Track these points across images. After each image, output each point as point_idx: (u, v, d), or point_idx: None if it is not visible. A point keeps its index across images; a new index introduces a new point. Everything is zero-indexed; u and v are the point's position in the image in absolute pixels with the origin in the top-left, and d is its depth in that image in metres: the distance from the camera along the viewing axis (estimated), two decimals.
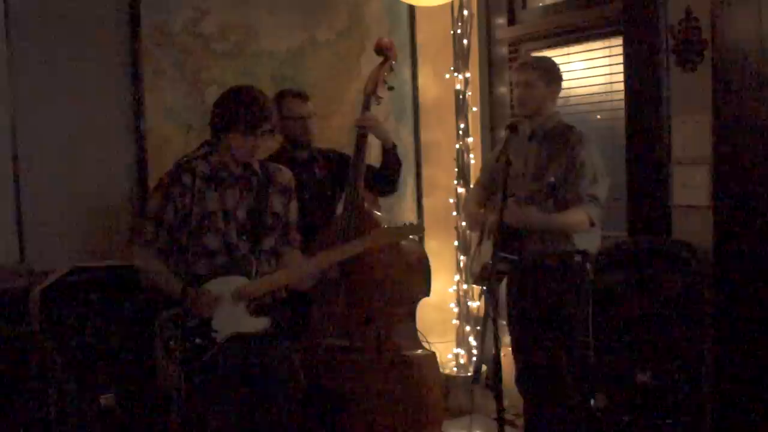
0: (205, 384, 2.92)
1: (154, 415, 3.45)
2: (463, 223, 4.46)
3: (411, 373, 3.48)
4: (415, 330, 3.60)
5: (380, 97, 3.65)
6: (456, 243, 4.57)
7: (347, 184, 3.55)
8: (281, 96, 3.73)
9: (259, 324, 2.97)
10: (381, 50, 3.66)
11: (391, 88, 3.68)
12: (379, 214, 3.62)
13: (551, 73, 3.41)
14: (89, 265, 3.55)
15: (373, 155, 3.87)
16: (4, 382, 3.07)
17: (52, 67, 3.78)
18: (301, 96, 3.74)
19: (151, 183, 3.90)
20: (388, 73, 3.65)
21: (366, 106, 3.63)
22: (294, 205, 3.16)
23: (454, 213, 4.57)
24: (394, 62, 3.68)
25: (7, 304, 3.27)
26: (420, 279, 3.58)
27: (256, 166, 3.08)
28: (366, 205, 3.54)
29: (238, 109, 2.90)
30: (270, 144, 3.26)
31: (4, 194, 3.66)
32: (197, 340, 2.92)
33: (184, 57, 4.08)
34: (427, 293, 3.62)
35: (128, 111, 3.96)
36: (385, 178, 3.72)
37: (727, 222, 3.27)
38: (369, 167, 3.67)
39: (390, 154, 3.70)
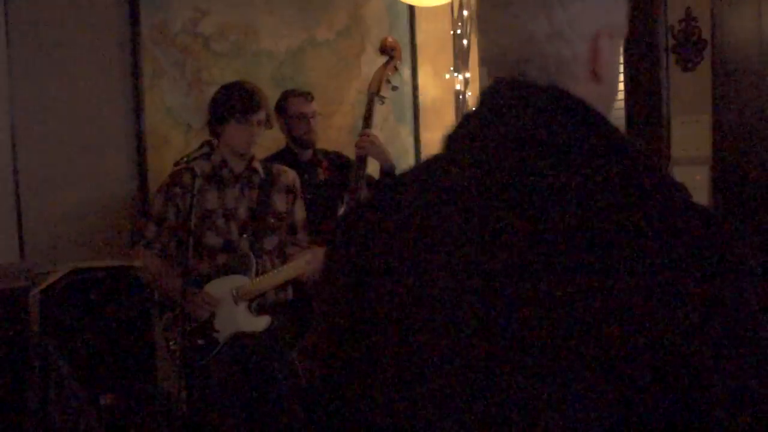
0: (206, 384, 2.92)
1: (154, 415, 3.45)
2: None
3: None
4: None
5: (384, 97, 3.67)
6: None
7: (347, 192, 3.55)
8: (286, 96, 3.76)
9: (261, 323, 2.98)
10: (385, 50, 3.69)
11: (395, 88, 3.71)
12: None
13: None
14: (89, 265, 3.55)
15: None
16: (4, 382, 3.07)
17: (51, 67, 3.78)
18: (305, 95, 3.76)
19: (151, 183, 3.91)
20: (392, 73, 3.67)
21: (369, 107, 3.64)
22: (300, 205, 3.16)
23: None
24: (398, 62, 3.70)
25: (7, 304, 3.27)
26: None
27: (258, 165, 3.09)
28: None
29: (230, 99, 2.97)
30: (261, 136, 3.26)
31: (4, 194, 3.66)
32: (200, 341, 2.92)
33: (184, 57, 4.08)
34: None
35: (128, 111, 3.97)
36: None
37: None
38: (368, 177, 3.68)
39: (387, 174, 3.69)
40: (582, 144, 0.92)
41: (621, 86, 3.76)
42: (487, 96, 1.01)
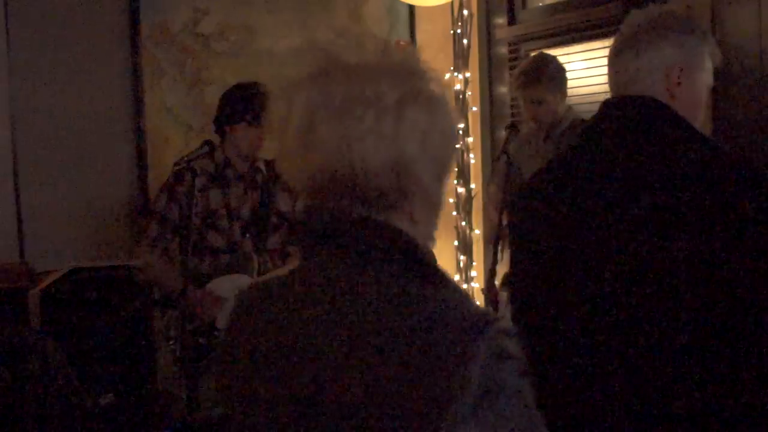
0: (207, 384, 2.92)
1: (154, 415, 3.45)
2: (463, 223, 4.46)
3: None
4: None
5: None
6: (456, 243, 4.57)
7: None
8: None
9: None
10: None
11: None
12: None
13: (558, 80, 3.36)
14: (89, 265, 3.55)
15: None
16: (4, 382, 3.07)
17: (51, 67, 3.78)
18: None
19: (151, 183, 3.91)
20: None
21: None
22: (301, 204, 3.16)
23: (454, 213, 4.57)
24: None
25: (7, 304, 3.27)
26: None
27: (262, 165, 3.09)
28: None
29: (245, 100, 2.95)
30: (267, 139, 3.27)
31: (4, 194, 3.66)
32: (201, 341, 2.92)
33: (184, 57, 4.08)
34: None
35: (128, 111, 3.97)
36: None
37: None
38: None
39: None
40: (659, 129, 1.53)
41: None
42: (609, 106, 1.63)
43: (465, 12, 4.50)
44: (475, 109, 4.60)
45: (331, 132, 0.99)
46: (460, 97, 4.53)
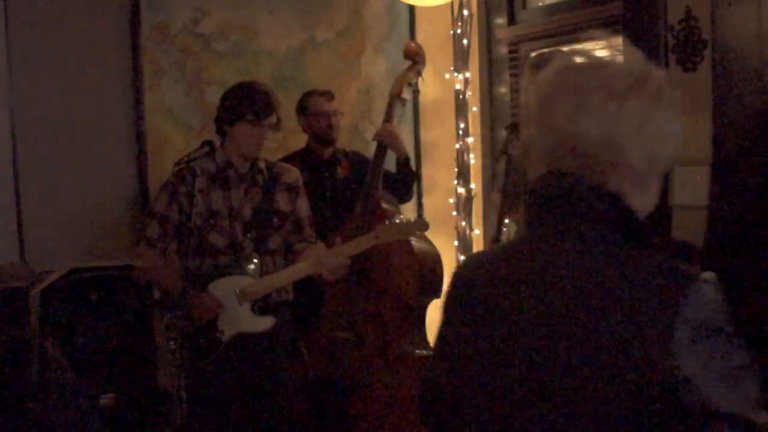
0: (208, 384, 2.92)
1: (154, 415, 3.45)
2: (463, 223, 4.46)
3: (415, 372, 3.49)
4: (423, 330, 3.62)
5: (405, 99, 3.77)
6: (456, 243, 4.57)
7: (363, 188, 3.60)
8: (308, 95, 3.87)
9: (264, 323, 2.98)
10: (409, 55, 3.81)
11: (416, 92, 3.82)
12: (400, 215, 3.64)
13: None
14: (89, 265, 3.55)
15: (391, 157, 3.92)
16: (4, 382, 3.07)
17: (52, 67, 3.78)
18: (326, 94, 3.86)
19: (151, 183, 3.91)
20: (415, 77, 3.78)
21: (390, 107, 3.75)
22: (303, 202, 3.16)
23: (454, 213, 4.57)
24: (422, 67, 3.79)
25: (7, 304, 3.27)
26: (432, 281, 3.60)
27: (262, 165, 3.09)
28: (384, 206, 3.58)
29: (245, 99, 2.96)
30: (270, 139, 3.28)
31: (4, 194, 3.66)
32: (202, 341, 2.92)
33: (184, 57, 4.08)
34: (438, 295, 3.65)
35: (128, 111, 3.97)
36: (399, 187, 3.82)
37: (724, 222, 3.27)
38: (386, 173, 3.75)
39: (402, 165, 3.79)
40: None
41: None
42: None
43: (465, 12, 4.50)
44: (475, 109, 4.60)
45: (563, 105, 1.23)
46: (460, 97, 4.53)
